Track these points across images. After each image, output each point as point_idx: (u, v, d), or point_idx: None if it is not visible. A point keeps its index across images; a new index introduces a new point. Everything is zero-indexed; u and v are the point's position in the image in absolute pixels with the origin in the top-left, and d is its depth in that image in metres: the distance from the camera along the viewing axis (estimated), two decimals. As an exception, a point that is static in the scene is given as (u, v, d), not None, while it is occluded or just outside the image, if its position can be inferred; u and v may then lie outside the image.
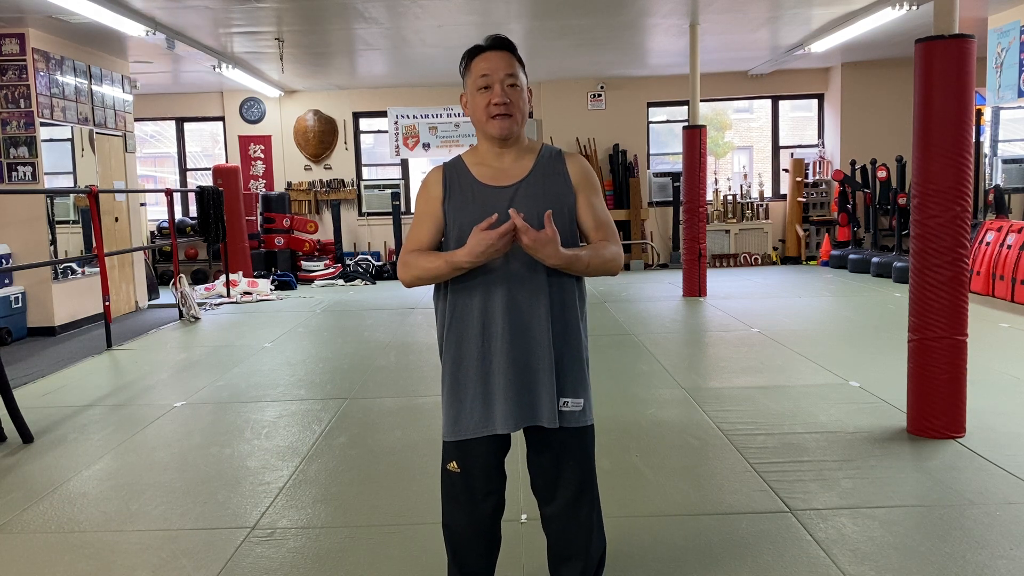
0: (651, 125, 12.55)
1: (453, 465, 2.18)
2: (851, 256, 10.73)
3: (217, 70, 9.50)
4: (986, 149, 9.54)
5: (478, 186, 2.11)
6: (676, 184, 11.99)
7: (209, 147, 15.91)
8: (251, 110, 12.44)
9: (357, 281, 11.40)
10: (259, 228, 11.86)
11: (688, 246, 8.98)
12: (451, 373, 2.14)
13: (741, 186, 12.44)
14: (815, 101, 12.60)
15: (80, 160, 8.38)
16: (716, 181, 12.40)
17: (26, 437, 4.36)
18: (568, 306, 2.14)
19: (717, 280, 10.19)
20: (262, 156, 12.52)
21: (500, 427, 2.10)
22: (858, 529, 2.95)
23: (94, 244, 7.26)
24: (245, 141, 12.49)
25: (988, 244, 8.31)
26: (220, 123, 12.62)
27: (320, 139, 12.45)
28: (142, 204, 10.50)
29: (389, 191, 12.34)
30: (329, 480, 3.64)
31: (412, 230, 2.18)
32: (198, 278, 11.66)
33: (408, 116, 12.16)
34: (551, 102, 12.25)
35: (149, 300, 9.79)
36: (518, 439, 2.26)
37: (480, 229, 1.96)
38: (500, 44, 2.09)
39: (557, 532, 2.25)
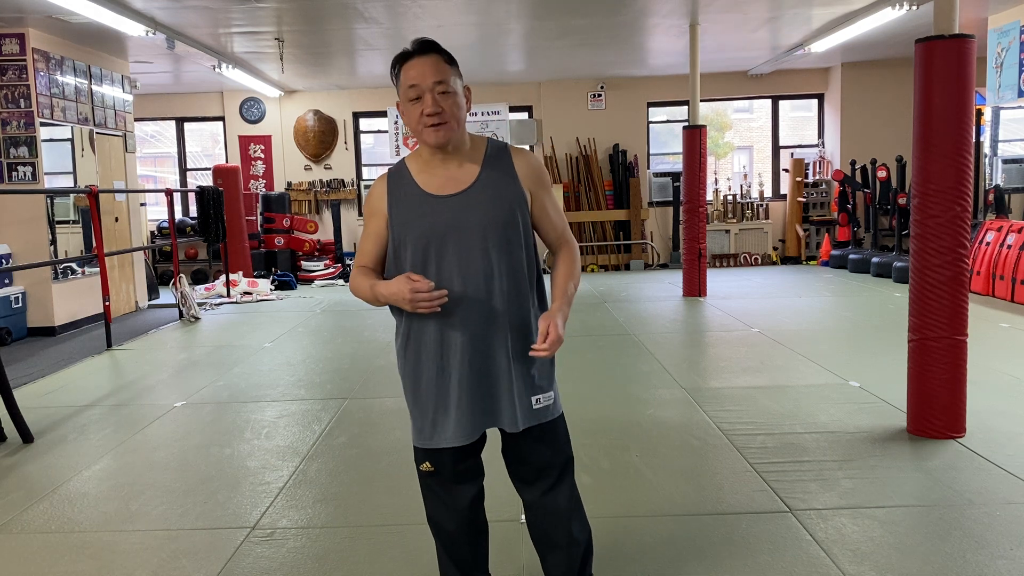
0: (651, 125, 12.55)
1: (426, 466, 2.19)
2: (851, 256, 10.73)
3: (217, 70, 9.50)
4: (986, 149, 9.54)
5: (423, 196, 2.07)
6: (676, 184, 11.99)
7: (209, 147, 15.92)
8: (251, 110, 12.44)
9: (357, 281, 11.38)
10: (259, 228, 11.86)
11: (688, 246, 8.98)
12: (412, 388, 2.15)
13: (741, 186, 12.44)
14: (815, 101, 12.60)
15: (80, 160, 8.38)
16: (716, 181, 12.40)
17: (26, 437, 4.36)
18: (524, 315, 2.12)
19: (717, 280, 10.19)
20: (262, 156, 12.51)
21: (454, 439, 2.10)
22: (858, 529, 2.95)
23: (94, 244, 7.26)
24: (245, 141, 12.49)
25: (988, 244, 8.31)
26: (220, 123, 12.62)
27: (320, 139, 12.45)
28: (142, 204, 10.50)
29: (389, 191, 12.32)
30: (329, 480, 3.64)
31: (360, 245, 2.18)
32: (198, 278, 11.66)
33: (408, 116, 12.13)
34: (551, 102, 12.24)
35: (149, 300, 9.79)
36: (494, 433, 2.25)
37: (411, 279, 1.93)
38: (426, 48, 2.02)
39: (539, 519, 2.26)
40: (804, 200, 12.09)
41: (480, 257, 2.04)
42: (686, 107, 9.61)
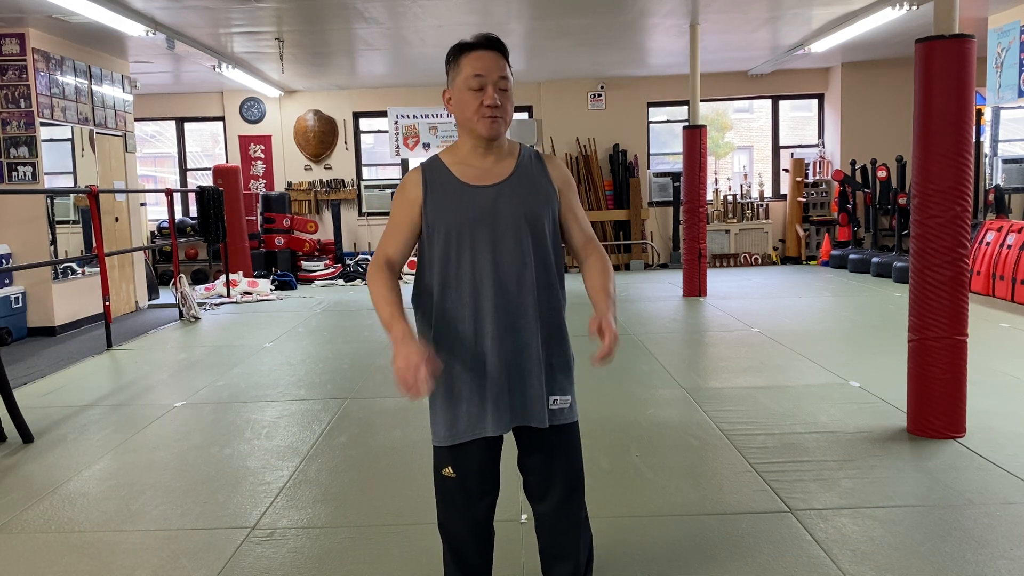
0: (651, 125, 12.55)
1: (448, 471, 2.17)
2: (851, 256, 10.73)
3: (217, 70, 9.50)
4: (986, 149, 9.54)
5: (461, 186, 2.10)
6: (676, 184, 11.99)
7: (209, 147, 15.92)
8: (251, 110, 12.44)
9: (357, 281, 11.40)
10: (259, 228, 11.86)
11: (688, 246, 8.98)
12: (444, 380, 2.12)
13: (741, 186, 12.44)
14: (815, 101, 12.60)
15: (80, 160, 8.38)
16: (716, 181, 12.40)
17: (26, 437, 4.36)
18: (554, 308, 2.16)
19: (717, 280, 10.19)
20: (262, 156, 12.51)
21: (491, 429, 2.10)
22: (858, 529, 2.95)
23: (94, 244, 7.26)
24: (245, 141, 12.49)
25: (988, 244, 8.31)
26: (220, 123, 12.62)
27: (320, 139, 12.45)
28: (142, 204, 10.50)
29: (389, 191, 12.34)
30: (329, 480, 3.64)
31: (385, 235, 2.14)
32: (198, 278, 11.66)
33: (408, 116, 12.16)
34: (551, 102, 12.24)
35: (149, 300, 9.79)
36: (510, 441, 2.26)
37: (421, 355, 1.87)
38: (493, 44, 2.09)
39: (549, 531, 2.26)
40: (804, 200, 12.08)
41: (513, 246, 2.07)
42: (686, 107, 9.61)
